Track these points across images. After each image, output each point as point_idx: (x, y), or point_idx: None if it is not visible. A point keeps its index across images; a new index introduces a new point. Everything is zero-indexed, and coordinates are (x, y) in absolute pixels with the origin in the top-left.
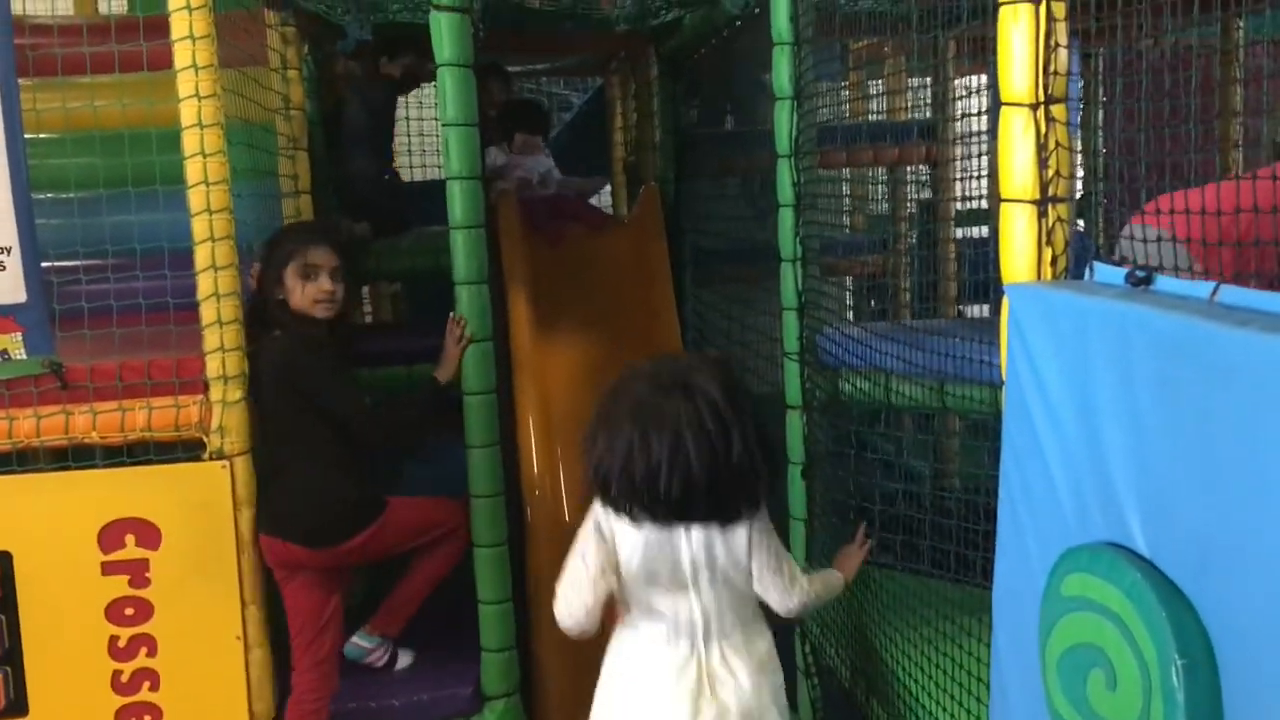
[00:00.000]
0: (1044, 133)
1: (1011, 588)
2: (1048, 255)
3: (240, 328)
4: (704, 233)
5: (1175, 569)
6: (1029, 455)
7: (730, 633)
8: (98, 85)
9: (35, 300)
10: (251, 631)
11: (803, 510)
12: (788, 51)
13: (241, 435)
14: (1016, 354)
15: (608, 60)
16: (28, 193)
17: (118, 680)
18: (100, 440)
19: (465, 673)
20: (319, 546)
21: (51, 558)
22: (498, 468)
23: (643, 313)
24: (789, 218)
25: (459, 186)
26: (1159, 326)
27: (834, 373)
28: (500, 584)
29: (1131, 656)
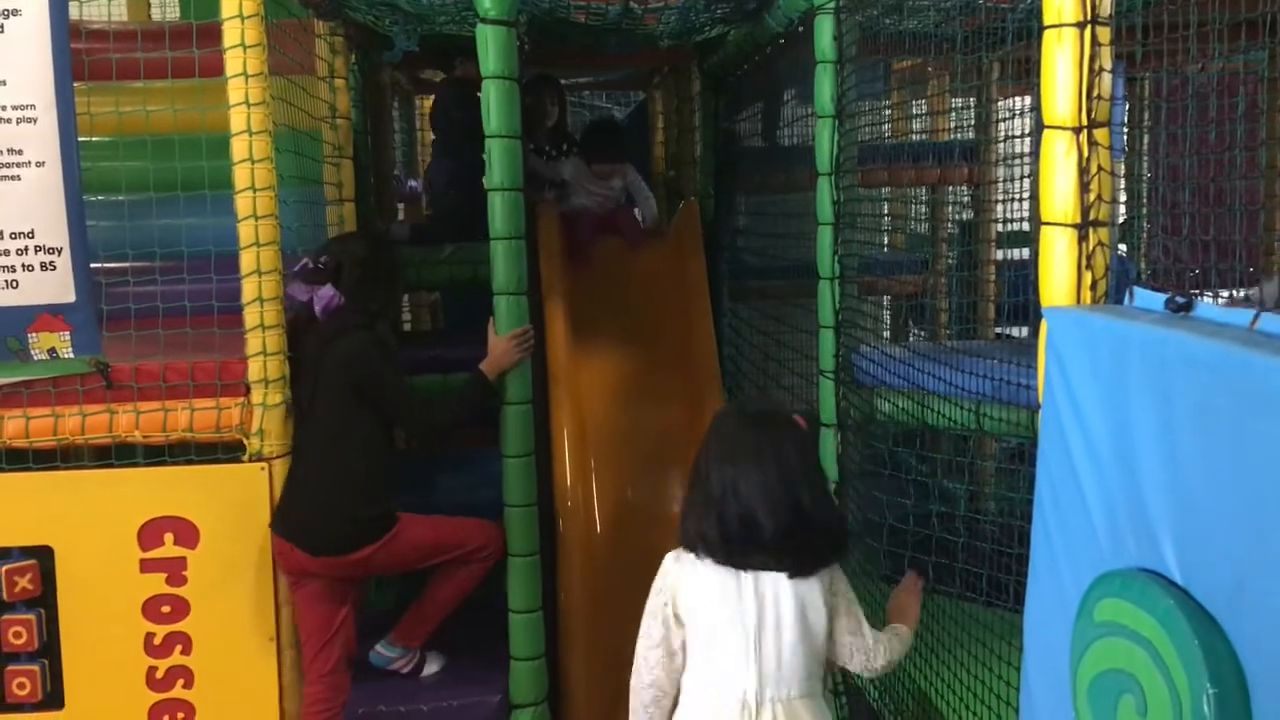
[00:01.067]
0: (1086, 156)
1: (1043, 611)
2: (1087, 279)
3: (283, 332)
4: (742, 248)
5: (1209, 597)
6: (1063, 479)
7: (786, 694)
8: (150, 90)
9: (84, 300)
10: (285, 633)
11: None
12: (830, 70)
13: (281, 438)
14: (1054, 377)
15: (650, 75)
16: (80, 195)
17: (152, 676)
18: (143, 439)
19: (493, 681)
20: (322, 555)
21: (92, 553)
22: (532, 478)
23: (679, 327)
24: (828, 236)
25: (500, 198)
26: (1198, 353)
27: (870, 391)
28: (531, 593)
29: (1163, 683)
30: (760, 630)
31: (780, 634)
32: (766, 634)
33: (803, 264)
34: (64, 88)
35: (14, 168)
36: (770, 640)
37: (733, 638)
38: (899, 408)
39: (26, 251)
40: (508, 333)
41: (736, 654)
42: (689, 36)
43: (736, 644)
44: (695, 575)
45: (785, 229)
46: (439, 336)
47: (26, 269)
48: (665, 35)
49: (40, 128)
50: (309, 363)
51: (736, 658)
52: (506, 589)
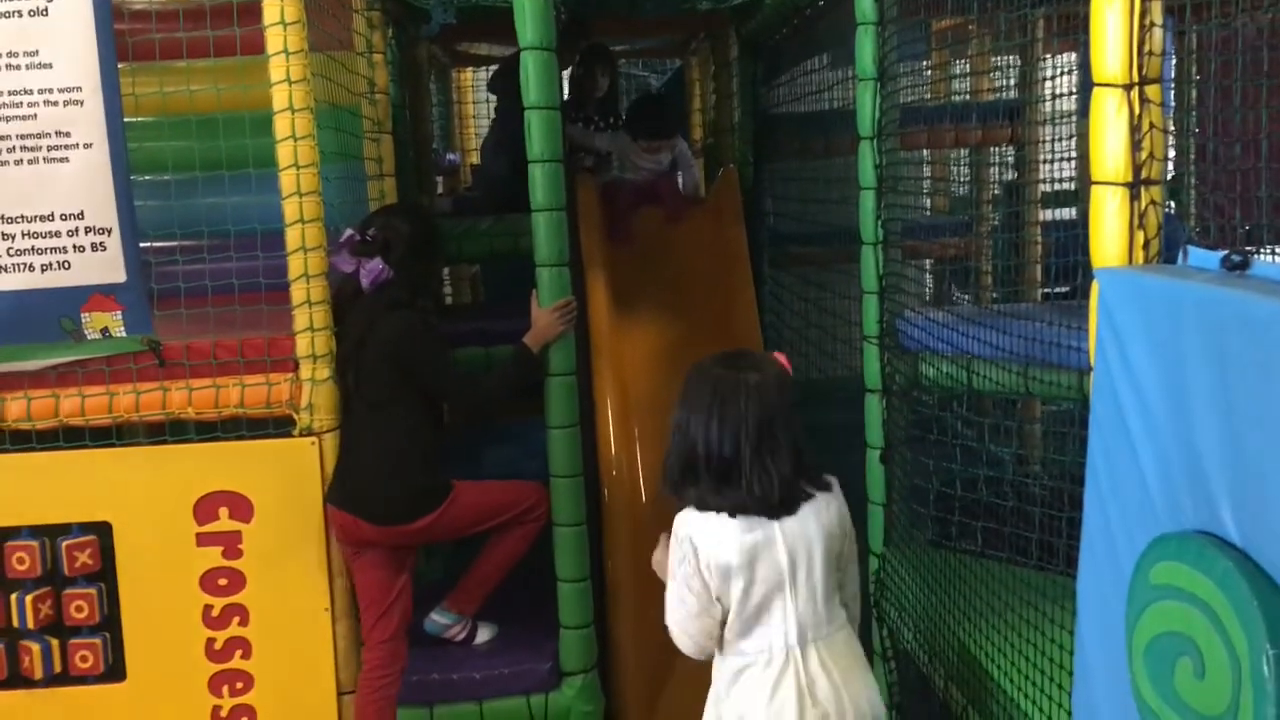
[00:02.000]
0: (1138, 114)
1: (1097, 575)
2: (1139, 239)
3: (329, 308)
4: (782, 215)
5: (1268, 558)
6: (1117, 442)
7: (825, 631)
8: (193, 70)
9: (134, 280)
10: (339, 603)
11: (881, 495)
12: (871, 32)
13: (330, 412)
14: (1106, 339)
15: (687, 41)
16: (127, 175)
17: (211, 648)
18: (195, 416)
19: (544, 648)
20: (385, 524)
21: (149, 529)
22: (578, 448)
23: (720, 295)
24: (870, 200)
25: (540, 170)
26: (1256, 312)
27: (914, 356)
28: (579, 563)
29: (1221, 645)
30: (793, 573)
31: (811, 570)
32: (799, 575)
33: (844, 229)
34: (109, 69)
35: (63, 150)
36: (803, 579)
37: (767, 590)
38: (944, 372)
39: (77, 233)
40: (550, 305)
41: (774, 606)
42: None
43: (771, 595)
44: (716, 534)
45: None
46: (480, 309)
47: (78, 250)
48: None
49: (87, 110)
50: (353, 339)
51: (774, 610)
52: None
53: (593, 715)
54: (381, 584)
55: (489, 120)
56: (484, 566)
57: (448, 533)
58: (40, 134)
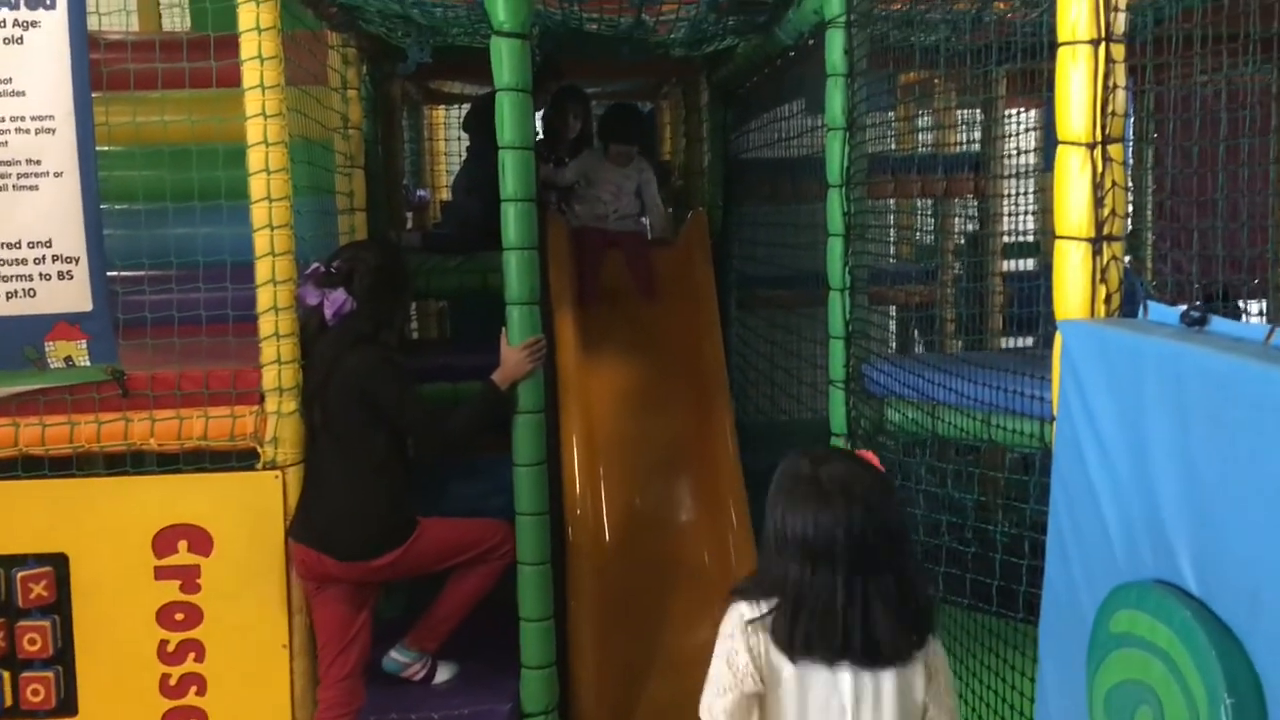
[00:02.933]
0: (1100, 171)
1: (1059, 623)
2: (1101, 293)
3: (296, 341)
4: (750, 258)
5: (1225, 608)
6: (1079, 490)
7: None
8: (168, 100)
9: (100, 309)
10: (298, 640)
11: None
12: (841, 83)
13: (295, 446)
14: (1069, 390)
15: (659, 86)
16: (97, 204)
17: (166, 684)
18: (158, 447)
19: (504, 688)
20: (349, 560)
21: (106, 561)
22: (544, 486)
23: (688, 336)
24: (838, 247)
25: (513, 209)
26: (1214, 367)
27: (879, 401)
28: (542, 601)
29: (1180, 694)
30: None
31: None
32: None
33: (810, 274)
34: (82, 98)
35: (32, 178)
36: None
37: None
38: (908, 418)
39: (44, 261)
40: (520, 343)
41: None
42: (699, 47)
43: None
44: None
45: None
46: (446, 345)
47: (44, 278)
48: (676, 45)
49: (59, 138)
50: (318, 373)
51: None
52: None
53: None
54: (341, 621)
55: (460, 158)
56: (446, 604)
57: (411, 569)
58: (10, 161)
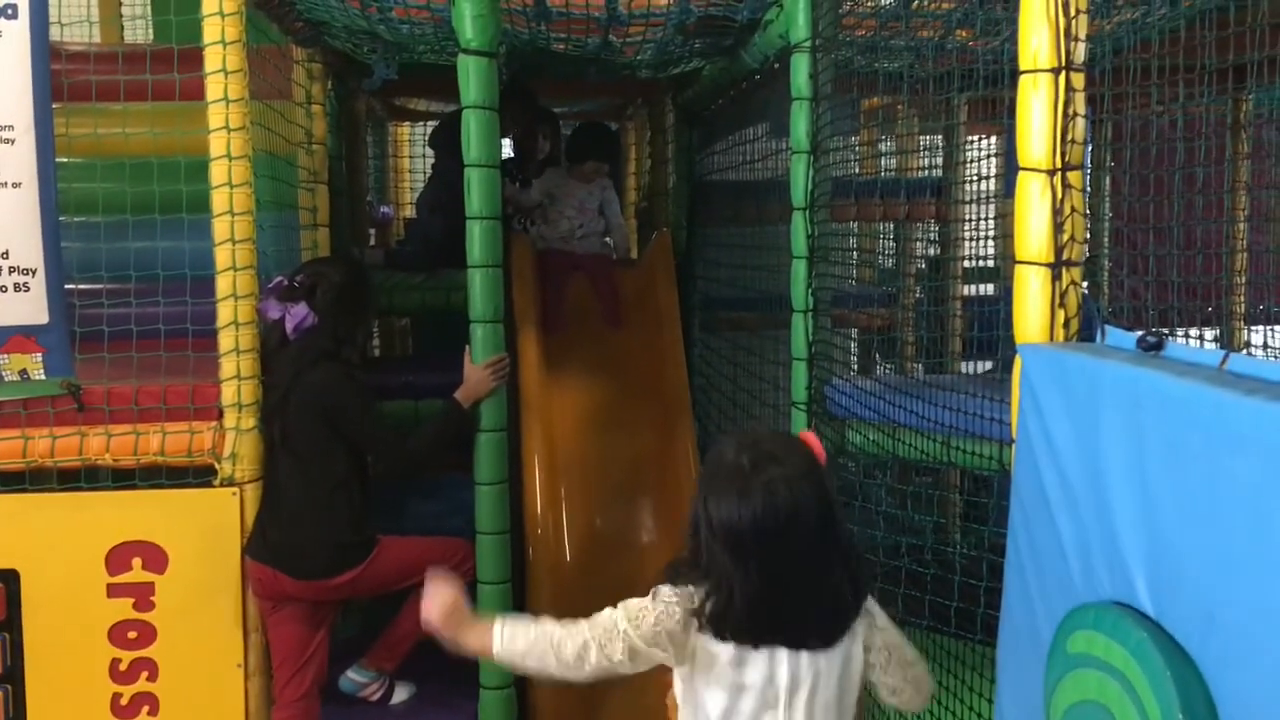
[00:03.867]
0: (1060, 198)
1: (1016, 643)
2: (1060, 317)
3: (256, 356)
4: (713, 280)
5: (1181, 630)
6: (1037, 512)
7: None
8: (129, 113)
9: (57, 322)
10: (253, 659)
11: None
12: (806, 107)
13: (253, 463)
14: (1028, 413)
15: (625, 106)
16: (56, 216)
17: (117, 704)
18: (113, 463)
19: (462, 708)
20: (307, 579)
21: (58, 578)
22: (505, 506)
23: (651, 357)
24: (802, 269)
25: (479, 226)
26: (1170, 392)
27: (841, 423)
28: None
29: (1136, 715)
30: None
31: (814, 698)
32: (798, 702)
33: (774, 296)
34: (43, 109)
35: None
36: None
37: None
38: (869, 439)
39: (0, 272)
40: (483, 361)
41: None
42: (666, 69)
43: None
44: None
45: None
46: (409, 362)
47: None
48: (643, 66)
49: (18, 149)
50: (278, 390)
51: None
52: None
53: None
54: (298, 640)
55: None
56: (404, 623)
57: (370, 588)
58: None
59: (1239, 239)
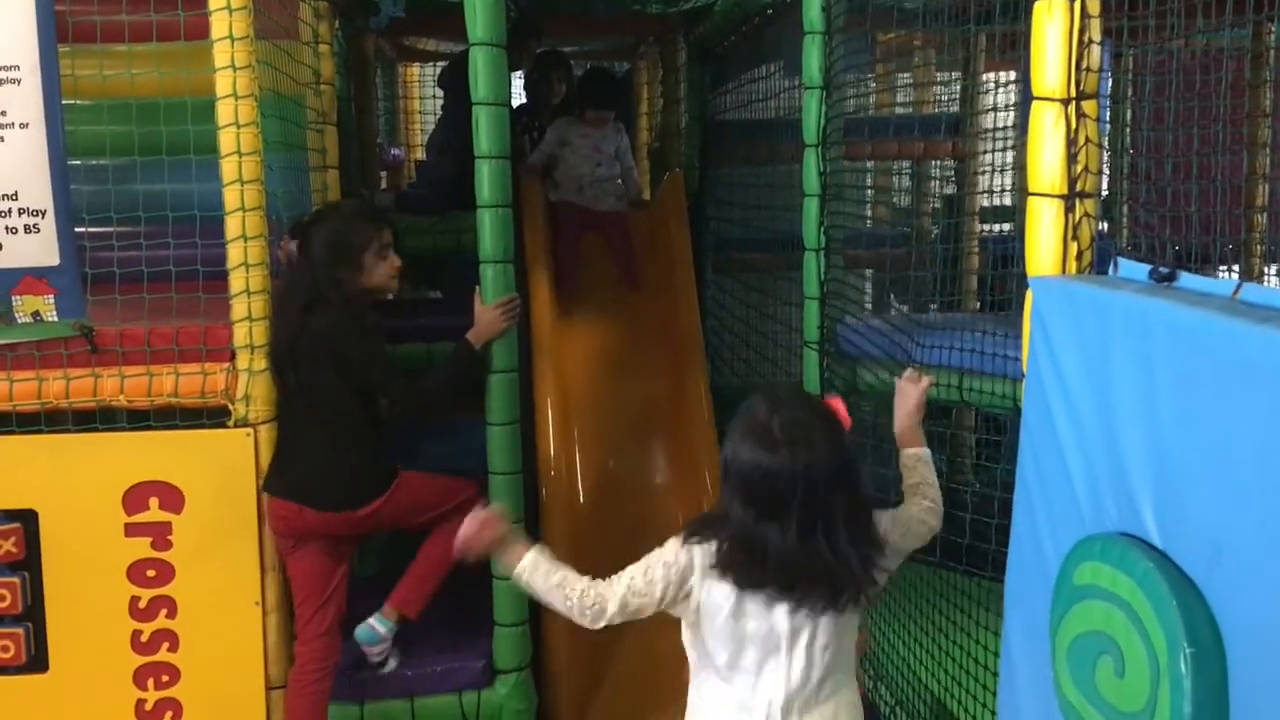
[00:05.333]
0: (1074, 128)
1: (1024, 576)
2: (1073, 249)
3: (268, 297)
4: (726, 220)
5: (1188, 560)
6: (1046, 445)
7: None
8: (135, 53)
9: (68, 264)
10: (270, 597)
11: None
12: (818, 41)
13: (267, 404)
14: (1038, 346)
15: (636, 45)
16: (64, 157)
17: (137, 640)
18: (127, 404)
19: (477, 646)
20: (331, 510)
21: (76, 518)
22: (517, 446)
23: (664, 298)
24: (814, 207)
25: (488, 166)
26: (1181, 322)
27: (853, 362)
28: None
29: (1141, 644)
30: (792, 646)
31: (814, 643)
32: (799, 647)
33: (787, 236)
34: (48, 50)
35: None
36: (801, 652)
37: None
38: (881, 379)
39: (10, 214)
40: (494, 301)
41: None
42: (677, 4)
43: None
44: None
45: (769, 201)
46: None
47: (10, 231)
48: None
49: (24, 90)
50: (288, 335)
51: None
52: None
53: (525, 714)
54: (319, 576)
55: (435, 116)
56: (424, 562)
57: (391, 520)
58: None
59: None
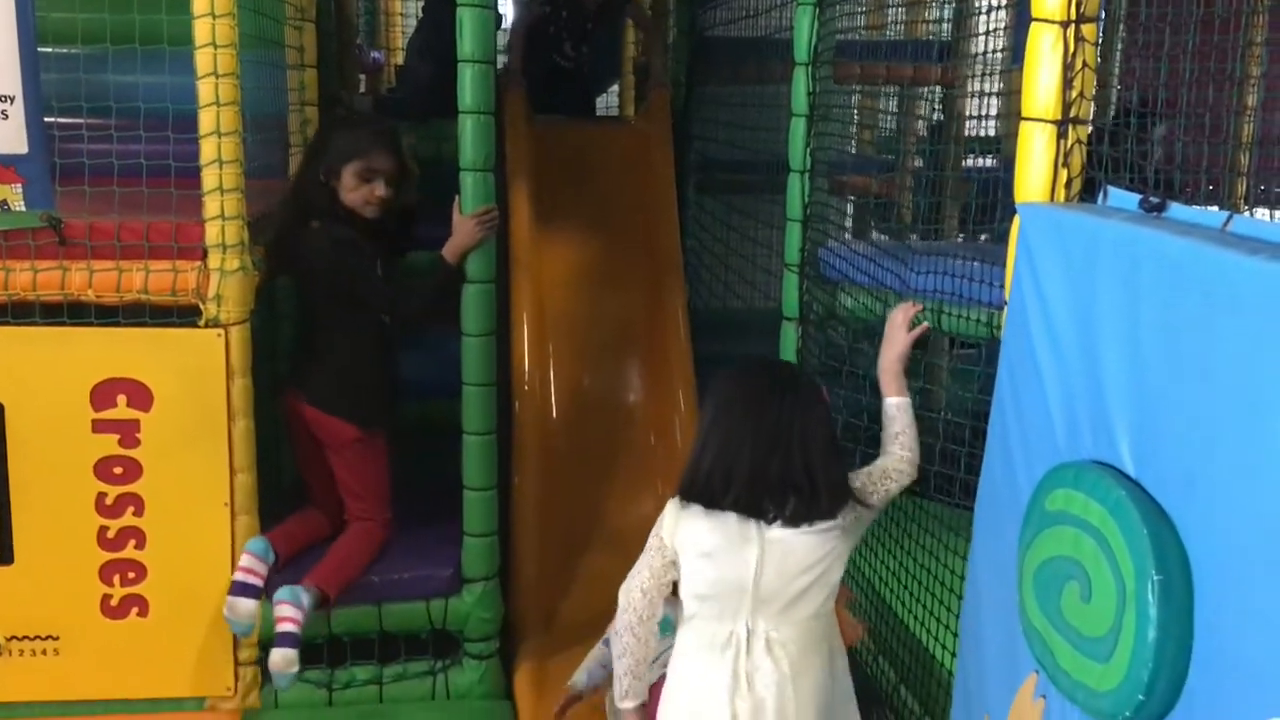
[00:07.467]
0: (1072, 52)
1: (995, 502)
2: (1063, 176)
3: (242, 195)
4: (711, 140)
5: (1161, 489)
6: (1024, 371)
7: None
8: None
9: (37, 153)
10: (240, 499)
11: None
12: None
13: (239, 305)
14: (1023, 272)
15: None
16: (34, 42)
17: (104, 536)
18: (96, 299)
19: (445, 555)
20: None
21: (43, 412)
22: (492, 358)
23: (643, 216)
24: (801, 128)
25: (470, 70)
26: (1170, 251)
27: (834, 287)
28: (486, 472)
29: (1109, 571)
30: (759, 576)
31: (785, 580)
32: (766, 578)
33: (772, 159)
34: None
35: None
36: (772, 583)
37: (731, 589)
38: (861, 304)
39: None
40: (472, 211)
41: (734, 604)
42: None
43: (734, 594)
44: (695, 527)
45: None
46: None
47: None
48: None
49: None
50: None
51: (733, 607)
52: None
53: (491, 622)
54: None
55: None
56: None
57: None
58: None
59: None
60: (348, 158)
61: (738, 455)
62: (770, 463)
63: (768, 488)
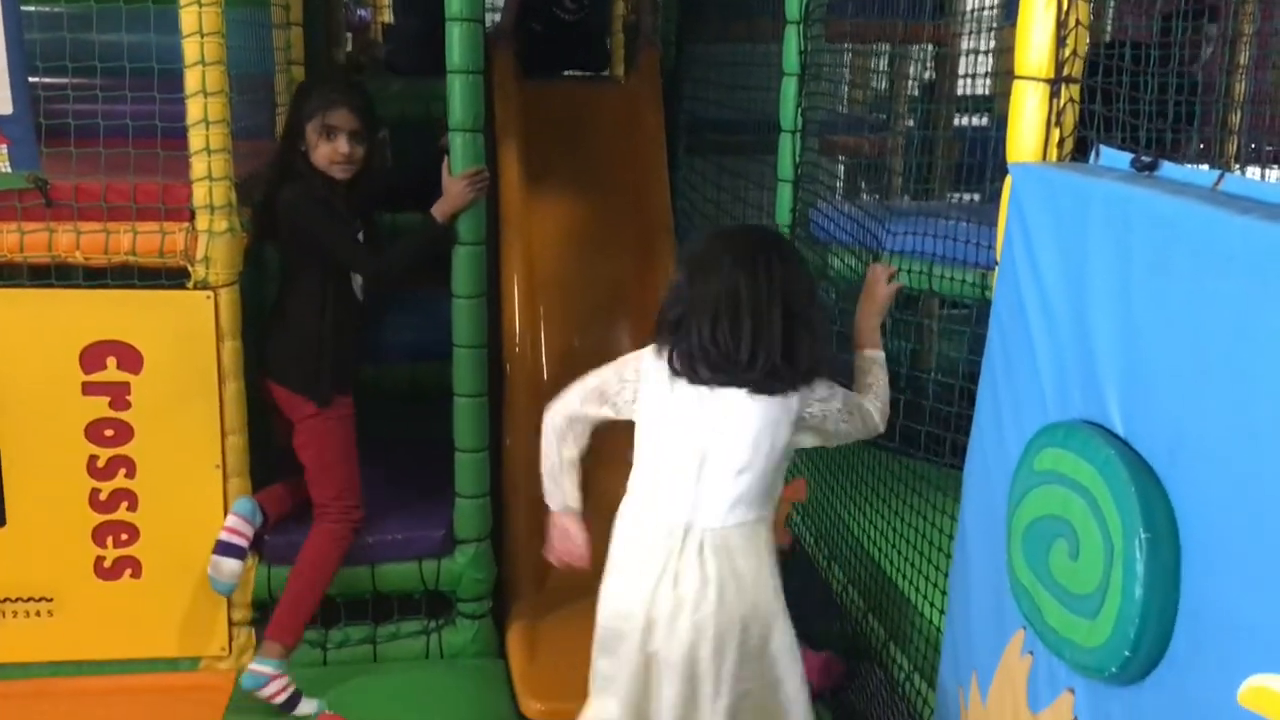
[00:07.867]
0: (1065, 9)
1: (984, 460)
2: (1055, 136)
3: (229, 156)
4: (701, 99)
5: (1150, 449)
6: (1015, 332)
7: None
8: None
9: (22, 113)
10: (231, 460)
11: None
12: None
13: (227, 267)
14: (1014, 232)
15: None
16: (17, 2)
17: (96, 498)
18: (84, 261)
19: (437, 516)
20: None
21: (32, 374)
22: (483, 319)
23: (633, 177)
24: (792, 87)
25: (458, 29)
26: (1161, 210)
27: (823, 248)
28: (478, 433)
29: (1097, 529)
30: (706, 454)
31: (731, 458)
32: (713, 457)
33: (763, 119)
34: None
35: None
36: (717, 464)
37: (678, 461)
38: (849, 265)
39: None
40: (462, 172)
41: (678, 480)
42: None
43: (680, 469)
44: (661, 383)
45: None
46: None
47: None
48: None
49: None
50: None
51: (677, 484)
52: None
53: (483, 583)
54: None
55: None
56: (294, 584)
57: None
58: None
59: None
60: (309, 115)
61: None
62: (716, 331)
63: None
